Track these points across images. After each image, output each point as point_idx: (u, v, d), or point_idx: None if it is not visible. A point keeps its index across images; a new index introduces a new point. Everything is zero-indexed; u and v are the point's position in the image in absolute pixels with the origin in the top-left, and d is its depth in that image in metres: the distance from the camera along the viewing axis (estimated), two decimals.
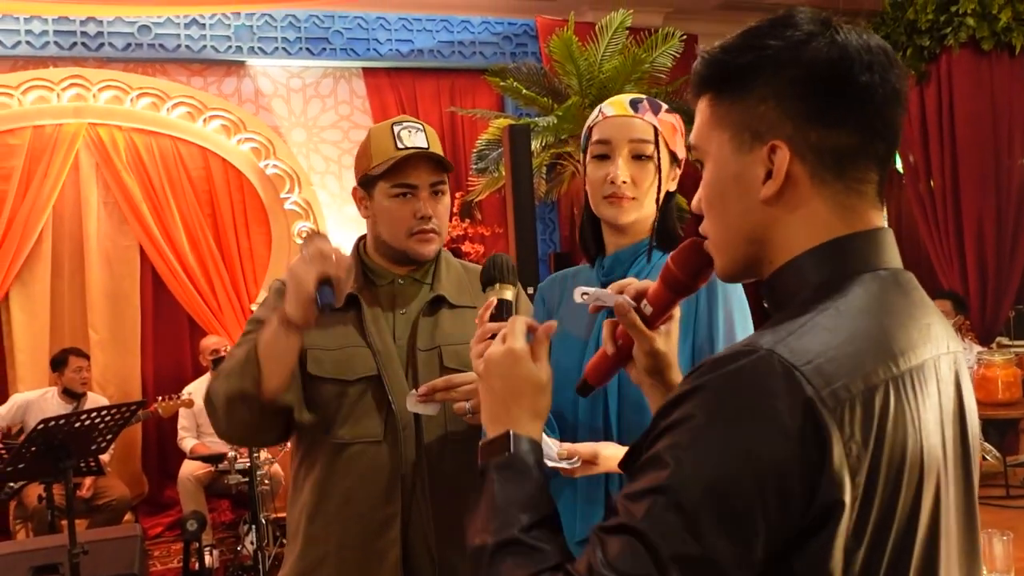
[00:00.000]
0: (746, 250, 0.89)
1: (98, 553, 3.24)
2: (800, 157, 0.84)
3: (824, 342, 0.77)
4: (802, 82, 0.84)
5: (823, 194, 0.85)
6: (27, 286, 5.47)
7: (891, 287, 0.85)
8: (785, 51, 0.85)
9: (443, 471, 1.67)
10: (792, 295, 0.85)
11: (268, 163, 5.80)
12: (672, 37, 5.23)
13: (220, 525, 5.32)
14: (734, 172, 0.88)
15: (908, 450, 0.78)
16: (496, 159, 5.35)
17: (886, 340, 0.81)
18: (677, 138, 1.53)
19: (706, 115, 0.91)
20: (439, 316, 1.75)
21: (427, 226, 1.73)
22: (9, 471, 3.43)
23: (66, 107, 5.40)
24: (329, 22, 5.89)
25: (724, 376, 0.76)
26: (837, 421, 0.74)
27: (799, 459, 0.73)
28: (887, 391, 0.78)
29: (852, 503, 0.74)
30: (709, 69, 0.90)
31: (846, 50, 0.84)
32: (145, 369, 5.81)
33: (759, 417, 0.73)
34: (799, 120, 0.84)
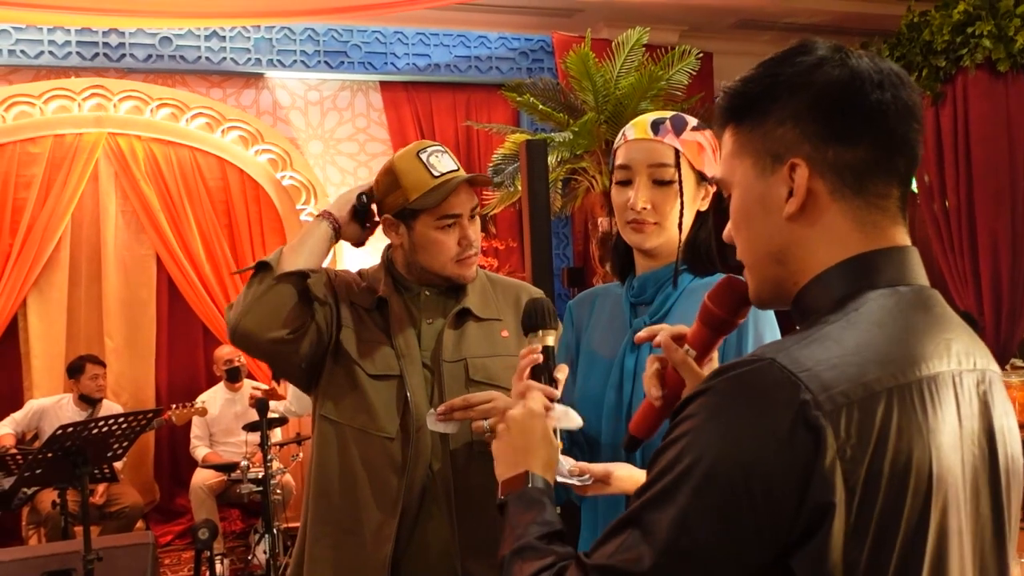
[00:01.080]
0: (773, 270, 0.92)
1: (111, 560, 3.25)
2: (819, 175, 0.88)
3: (828, 351, 0.80)
4: (816, 102, 0.88)
5: (844, 210, 0.88)
6: (44, 293, 5.52)
7: (909, 301, 0.86)
8: (798, 75, 0.89)
9: (469, 481, 1.68)
10: (814, 312, 0.88)
11: (285, 174, 5.84)
12: (688, 55, 5.26)
13: (231, 534, 5.33)
14: (758, 195, 0.92)
15: (914, 459, 0.79)
16: (512, 173, 5.37)
17: (896, 350, 0.82)
18: (705, 156, 1.50)
19: (730, 146, 0.95)
20: (465, 328, 1.77)
21: (471, 252, 1.76)
22: (27, 476, 3.45)
23: (87, 116, 5.46)
24: (347, 36, 5.95)
25: (726, 380, 0.81)
26: (832, 424, 0.76)
27: (788, 459, 0.75)
28: (891, 399, 0.79)
29: (847, 505, 0.75)
30: (730, 101, 0.95)
31: (857, 70, 0.88)
32: (159, 377, 5.84)
33: (752, 417, 0.77)
34: (816, 139, 0.88)
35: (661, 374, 1.11)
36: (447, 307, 1.79)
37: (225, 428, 5.25)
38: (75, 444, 3.23)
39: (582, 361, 1.56)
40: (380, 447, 1.68)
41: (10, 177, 5.38)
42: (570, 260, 6.39)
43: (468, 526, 1.67)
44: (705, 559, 0.77)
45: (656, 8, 5.87)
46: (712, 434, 0.78)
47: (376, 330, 1.75)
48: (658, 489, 0.80)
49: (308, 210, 5.89)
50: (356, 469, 1.70)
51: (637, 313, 1.51)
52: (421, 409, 1.68)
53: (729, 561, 0.77)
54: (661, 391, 1.09)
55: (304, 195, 5.89)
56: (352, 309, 1.78)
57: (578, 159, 5.43)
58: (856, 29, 6.30)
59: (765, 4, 6.00)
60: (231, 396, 5.32)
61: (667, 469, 0.80)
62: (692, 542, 0.77)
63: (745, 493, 0.76)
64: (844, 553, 0.76)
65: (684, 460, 0.79)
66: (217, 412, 5.25)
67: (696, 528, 0.77)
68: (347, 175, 6.15)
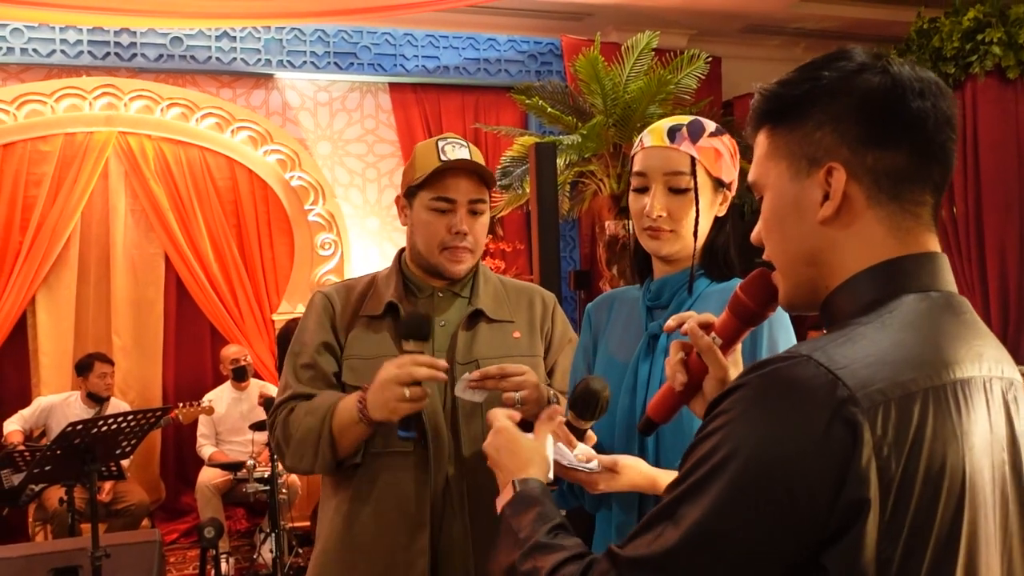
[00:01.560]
0: (806, 273, 0.93)
1: (118, 557, 3.26)
2: (856, 179, 0.89)
3: (864, 350, 0.81)
4: (857, 107, 0.89)
5: (879, 215, 0.89)
6: (53, 291, 5.54)
7: (941, 307, 0.87)
8: (840, 80, 0.90)
9: (479, 484, 1.68)
10: (845, 314, 0.88)
11: (293, 175, 5.86)
12: (698, 59, 5.26)
13: (235, 533, 5.35)
14: (792, 198, 0.93)
15: (948, 461, 0.79)
16: (520, 176, 5.38)
17: (929, 352, 0.83)
18: (722, 162, 1.49)
19: (764, 148, 0.96)
20: (477, 330, 1.77)
21: (461, 243, 1.74)
22: (36, 473, 3.47)
23: (97, 115, 5.48)
24: (357, 37, 5.97)
25: (762, 376, 0.81)
26: (869, 421, 0.76)
27: (825, 455, 0.76)
28: (926, 399, 0.80)
29: (882, 503, 0.76)
30: (767, 103, 0.95)
31: (899, 78, 0.89)
32: (166, 376, 5.86)
33: (789, 412, 0.78)
34: (855, 144, 0.88)
35: (685, 361, 1.11)
36: (460, 309, 1.79)
37: (231, 427, 5.27)
38: (84, 441, 3.24)
39: (598, 363, 1.58)
40: (400, 462, 1.68)
41: (21, 175, 5.41)
42: (576, 263, 6.40)
43: (480, 526, 1.67)
44: (734, 551, 0.78)
45: (665, 12, 5.88)
46: (748, 429, 0.79)
47: (387, 338, 1.75)
48: (692, 482, 0.81)
49: (316, 210, 5.91)
50: (379, 487, 1.69)
51: (653, 317, 1.52)
52: (436, 412, 1.69)
53: (759, 555, 0.78)
54: (686, 376, 1.10)
55: (312, 195, 5.91)
56: (359, 322, 1.78)
57: (586, 162, 5.44)
58: (865, 35, 6.30)
59: (774, 9, 6.00)
60: (237, 395, 5.33)
61: (702, 462, 0.81)
62: (722, 533, 0.78)
63: (780, 488, 0.76)
64: (877, 551, 0.76)
65: (719, 453, 0.79)
66: (223, 411, 5.26)
67: (728, 519, 0.78)
68: (355, 176, 6.17)
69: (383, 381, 1.58)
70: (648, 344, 1.49)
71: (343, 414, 1.65)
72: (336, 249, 5.96)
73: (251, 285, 5.84)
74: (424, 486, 1.67)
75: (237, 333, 5.74)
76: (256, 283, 5.86)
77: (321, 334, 1.77)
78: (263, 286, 5.88)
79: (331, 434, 1.65)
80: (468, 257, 1.76)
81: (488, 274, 1.88)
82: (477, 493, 1.68)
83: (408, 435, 1.60)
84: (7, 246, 5.36)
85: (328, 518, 1.77)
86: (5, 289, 5.33)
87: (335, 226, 5.95)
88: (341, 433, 1.65)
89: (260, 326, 5.83)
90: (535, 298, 1.86)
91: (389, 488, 1.68)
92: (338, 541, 1.73)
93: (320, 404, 1.69)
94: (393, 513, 1.68)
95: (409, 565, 1.66)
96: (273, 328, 5.79)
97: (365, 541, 1.69)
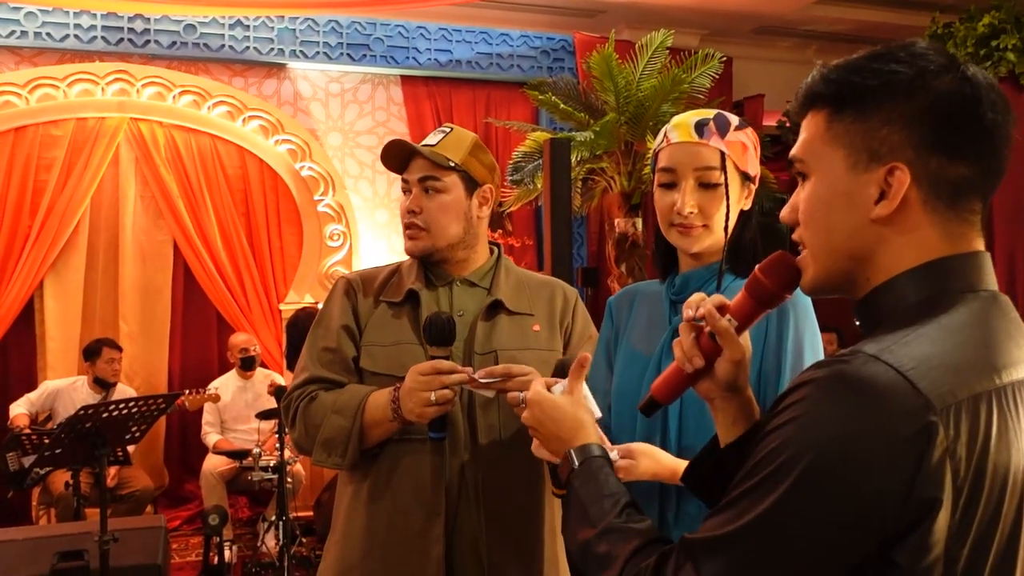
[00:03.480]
0: (845, 266, 0.92)
1: (124, 542, 3.27)
2: (916, 183, 0.87)
3: (927, 351, 0.80)
4: (932, 111, 0.86)
5: (933, 220, 0.88)
6: (61, 276, 5.55)
7: (991, 307, 0.87)
8: (918, 79, 0.87)
9: (494, 474, 1.69)
10: (891, 312, 0.88)
11: (304, 165, 5.86)
12: (712, 58, 5.26)
13: (238, 521, 5.36)
14: (845, 190, 0.90)
15: (1012, 461, 0.81)
16: (531, 171, 5.39)
17: (987, 354, 0.83)
18: (748, 156, 1.49)
19: (819, 130, 0.93)
20: (497, 321, 1.77)
21: (411, 220, 1.77)
22: (47, 456, 3.47)
23: (110, 101, 5.49)
24: (371, 29, 5.96)
25: (830, 373, 0.80)
26: (944, 422, 0.76)
27: (898, 455, 0.76)
28: (991, 402, 0.80)
29: (954, 502, 0.76)
30: (830, 87, 0.92)
31: (977, 87, 0.87)
32: (172, 362, 5.88)
33: (859, 412, 0.77)
34: (922, 147, 0.87)
35: (696, 342, 1.08)
36: (479, 300, 1.79)
37: (236, 415, 5.27)
38: (95, 426, 3.25)
39: (620, 356, 1.57)
40: (417, 448, 1.69)
41: (32, 159, 5.41)
42: (584, 260, 6.40)
43: (494, 518, 1.68)
44: (801, 545, 0.78)
45: (677, 12, 5.88)
46: (818, 427, 0.78)
47: (406, 325, 1.76)
48: (762, 476, 0.81)
49: (326, 201, 5.91)
50: (395, 475, 1.71)
51: (677, 311, 1.50)
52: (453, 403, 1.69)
53: (827, 549, 0.78)
54: (703, 360, 1.07)
55: (322, 186, 5.91)
56: (379, 308, 1.79)
57: (597, 159, 5.44)
58: (878, 39, 6.15)
59: (786, 11, 6.00)
60: (243, 384, 5.34)
61: (770, 458, 0.80)
62: (790, 527, 0.78)
63: (850, 486, 0.76)
64: (946, 548, 0.77)
65: (788, 450, 0.79)
66: (229, 399, 5.27)
67: (797, 515, 0.78)
68: (365, 168, 6.17)
69: (410, 389, 1.61)
70: (672, 337, 1.47)
71: (374, 412, 1.67)
72: (345, 240, 5.96)
73: (259, 274, 5.84)
74: (439, 474, 1.68)
75: (244, 322, 5.75)
76: (264, 272, 5.87)
77: (342, 318, 1.79)
78: (271, 275, 5.89)
79: (361, 432, 1.67)
80: (422, 235, 1.77)
81: (510, 267, 1.88)
82: (492, 482, 1.69)
83: (439, 436, 1.64)
84: (16, 230, 5.36)
85: (346, 504, 1.78)
86: (14, 273, 5.34)
87: (344, 217, 5.96)
88: (370, 430, 1.68)
89: (267, 315, 5.83)
90: (556, 292, 1.86)
91: (406, 476, 1.69)
92: (355, 526, 1.74)
93: (348, 403, 1.70)
94: (409, 500, 1.69)
95: (424, 552, 1.67)
96: (280, 318, 5.80)
97: (381, 527, 1.70)
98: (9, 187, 5.36)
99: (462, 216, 1.80)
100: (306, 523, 5.09)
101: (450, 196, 1.77)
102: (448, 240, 1.78)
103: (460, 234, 1.79)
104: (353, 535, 1.74)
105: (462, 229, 1.79)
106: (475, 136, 1.85)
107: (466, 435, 1.69)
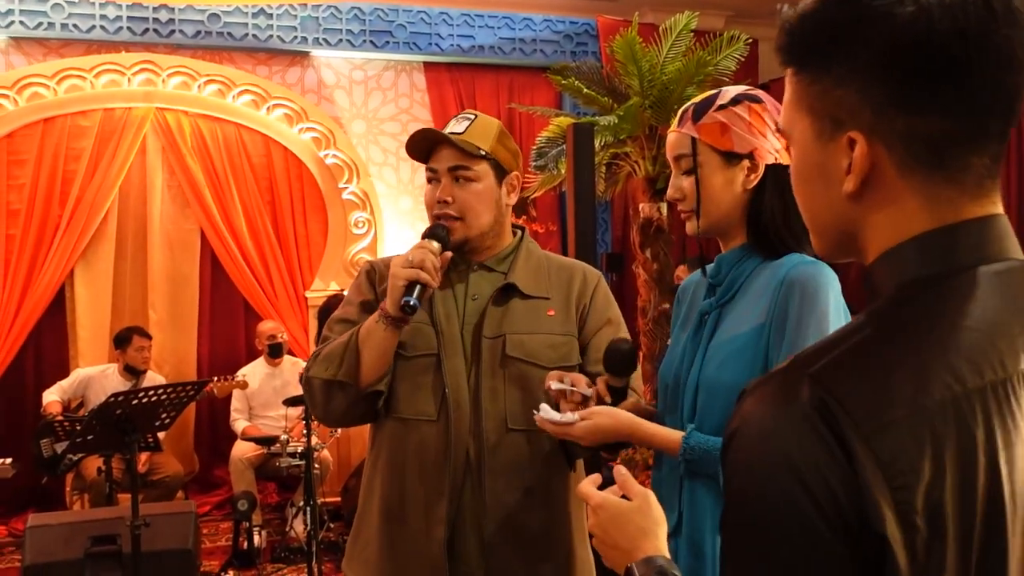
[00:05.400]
0: (838, 238, 0.81)
1: (156, 526, 3.32)
2: (886, 147, 0.73)
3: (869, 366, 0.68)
4: (879, 60, 0.71)
5: (914, 188, 0.73)
6: (91, 265, 5.62)
7: (991, 286, 0.71)
8: (859, 23, 0.71)
9: (499, 458, 1.70)
10: (878, 292, 0.77)
11: (328, 153, 5.88)
12: (737, 40, 5.21)
13: (266, 507, 5.42)
14: (817, 161, 0.78)
15: (979, 482, 0.65)
16: (555, 156, 5.37)
17: (953, 352, 0.68)
18: (732, 134, 1.47)
19: (789, 93, 0.81)
20: (510, 305, 1.76)
21: (443, 210, 1.75)
22: (79, 442, 3.53)
23: (136, 91, 5.53)
24: (393, 15, 5.96)
25: (754, 397, 0.71)
26: (874, 448, 0.64)
27: (828, 485, 0.64)
28: (944, 415, 0.65)
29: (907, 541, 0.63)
30: (788, 39, 0.78)
31: (930, 14, 0.69)
32: (200, 350, 5.94)
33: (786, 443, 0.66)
34: (883, 106, 0.72)
35: None
36: (494, 284, 1.78)
37: (264, 402, 5.32)
38: (125, 412, 3.29)
39: (672, 338, 1.65)
40: (425, 430, 1.71)
41: (60, 149, 5.48)
42: (608, 246, 6.38)
43: (496, 503, 1.69)
44: None
45: None
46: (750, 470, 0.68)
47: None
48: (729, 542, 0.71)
49: (350, 189, 5.93)
50: (405, 455, 1.72)
51: (714, 292, 1.54)
52: (459, 387, 1.70)
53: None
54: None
55: (346, 174, 5.93)
56: None
57: (621, 144, 5.41)
58: None
59: None
60: (271, 371, 5.39)
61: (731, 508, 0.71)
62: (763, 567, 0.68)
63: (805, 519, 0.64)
64: None
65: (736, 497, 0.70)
66: (257, 386, 5.32)
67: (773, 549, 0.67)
68: (389, 155, 6.18)
69: (393, 266, 1.65)
70: (700, 320, 1.53)
71: (367, 324, 1.70)
72: (369, 228, 5.99)
73: (285, 262, 5.89)
74: (444, 457, 1.69)
75: (271, 309, 5.79)
76: (290, 260, 5.91)
77: (363, 295, 1.83)
78: (296, 263, 5.92)
79: (357, 343, 1.69)
80: (456, 224, 1.75)
81: (532, 250, 1.86)
82: (496, 467, 1.70)
83: (412, 303, 1.60)
84: (47, 219, 5.43)
85: (366, 481, 1.82)
86: (45, 262, 5.42)
87: (369, 204, 5.98)
88: (364, 340, 1.68)
89: (293, 303, 5.88)
90: (576, 274, 1.84)
91: (414, 456, 1.71)
92: (372, 503, 1.78)
93: (350, 329, 1.75)
94: (416, 481, 1.71)
95: (428, 532, 1.69)
96: (306, 305, 5.84)
97: (393, 505, 1.74)
98: (39, 177, 5.43)
99: (494, 205, 1.79)
100: (334, 508, 5.14)
101: (482, 185, 1.76)
102: (481, 229, 1.78)
103: (491, 223, 1.79)
104: (370, 509, 1.79)
105: (493, 218, 1.79)
106: (500, 123, 1.84)
107: (471, 421, 1.70)
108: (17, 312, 5.37)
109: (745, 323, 1.43)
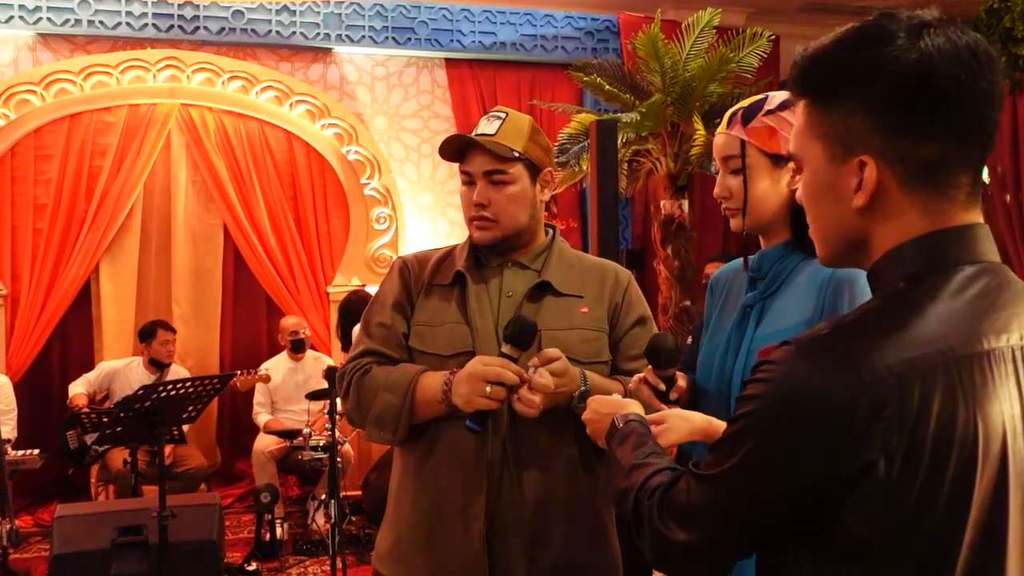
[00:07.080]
0: (843, 247, 0.96)
1: (181, 518, 3.35)
2: (890, 168, 0.88)
3: (881, 330, 0.85)
4: (887, 96, 0.86)
5: (913, 202, 0.89)
6: (116, 259, 5.68)
7: (970, 279, 0.88)
8: (870, 65, 0.87)
9: (534, 451, 1.71)
10: (881, 284, 0.93)
11: (350, 149, 5.91)
12: (760, 37, 5.19)
13: (288, 500, 5.46)
14: (828, 181, 0.93)
15: (957, 430, 0.82)
16: (577, 153, 5.37)
17: (946, 329, 0.84)
18: (780, 137, 1.54)
19: (802, 121, 0.95)
20: (543, 302, 1.77)
21: (480, 213, 1.77)
22: (107, 433, 3.58)
23: (161, 87, 5.58)
24: (415, 12, 5.98)
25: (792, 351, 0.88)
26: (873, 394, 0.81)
27: (832, 417, 0.82)
28: (935, 374, 0.82)
29: (887, 466, 0.80)
30: (803, 74, 0.93)
31: (930, 62, 0.85)
32: (223, 344, 5.99)
33: (809, 379, 0.85)
34: (887, 133, 0.87)
35: None
36: (528, 281, 1.79)
37: (286, 396, 5.37)
38: (152, 405, 3.33)
39: (710, 327, 1.68)
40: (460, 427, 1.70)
41: (87, 145, 5.54)
42: (629, 242, 6.38)
43: (536, 495, 1.71)
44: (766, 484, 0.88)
45: None
46: (778, 389, 0.87)
47: (454, 306, 1.78)
48: (740, 427, 0.90)
49: (372, 185, 5.96)
50: (440, 452, 1.74)
51: (755, 287, 1.60)
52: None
53: (787, 486, 0.87)
54: None
55: (368, 170, 5.96)
56: (430, 290, 1.83)
57: (643, 141, 5.40)
58: None
59: None
60: (293, 365, 5.43)
61: (746, 415, 0.89)
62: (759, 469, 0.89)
63: (803, 433, 0.84)
64: (887, 508, 0.81)
65: (757, 404, 0.89)
66: (279, 380, 5.36)
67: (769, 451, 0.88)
68: (411, 151, 6.21)
69: (470, 374, 1.63)
70: (743, 313, 1.58)
71: (424, 392, 1.70)
72: (391, 223, 6.01)
73: (307, 257, 5.92)
74: (482, 452, 1.70)
75: (292, 304, 5.83)
76: (312, 255, 5.94)
77: (396, 296, 1.83)
78: (318, 259, 5.96)
79: (411, 411, 1.71)
80: (491, 226, 1.77)
81: (564, 249, 1.88)
82: (532, 463, 1.71)
83: (475, 428, 1.64)
84: (73, 214, 5.50)
85: (398, 477, 1.83)
86: (71, 257, 5.48)
87: (390, 200, 6.00)
88: (419, 409, 1.71)
89: (315, 298, 5.91)
90: (608, 274, 1.86)
91: (450, 453, 1.72)
92: (405, 499, 1.79)
93: (399, 381, 1.73)
94: (453, 477, 1.72)
95: (466, 528, 1.70)
96: (328, 300, 5.87)
97: (427, 501, 1.75)
98: (65, 173, 5.49)
99: (529, 204, 1.80)
100: (355, 502, 5.17)
101: (518, 187, 1.78)
102: (517, 228, 1.80)
103: (527, 221, 1.81)
104: (403, 507, 1.80)
105: (529, 216, 1.81)
106: (530, 119, 1.84)
107: (507, 414, 1.71)
108: (44, 306, 5.44)
109: (790, 316, 1.49)
